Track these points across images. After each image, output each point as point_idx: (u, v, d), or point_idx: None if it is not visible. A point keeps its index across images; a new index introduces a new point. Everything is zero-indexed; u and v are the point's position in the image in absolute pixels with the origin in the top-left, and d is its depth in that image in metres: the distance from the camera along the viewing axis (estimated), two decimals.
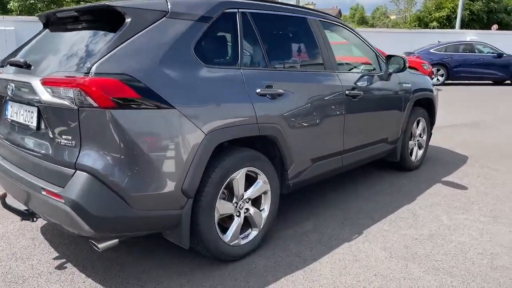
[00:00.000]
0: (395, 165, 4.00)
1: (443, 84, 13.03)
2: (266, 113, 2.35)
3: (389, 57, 3.47)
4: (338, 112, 2.92)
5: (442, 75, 13.08)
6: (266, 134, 2.38)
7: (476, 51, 13.42)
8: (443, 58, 13.09)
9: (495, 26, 20.67)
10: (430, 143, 5.08)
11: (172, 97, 1.92)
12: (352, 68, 3.68)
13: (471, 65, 13.04)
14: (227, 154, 2.20)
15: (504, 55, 13.04)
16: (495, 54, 13.10)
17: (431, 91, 4.18)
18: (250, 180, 2.39)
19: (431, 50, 13.35)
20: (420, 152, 4.19)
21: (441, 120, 6.71)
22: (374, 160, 3.65)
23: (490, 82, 13.55)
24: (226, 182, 2.19)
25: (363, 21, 22.34)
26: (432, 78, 12.51)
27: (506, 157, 4.57)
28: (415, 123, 4.01)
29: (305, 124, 2.65)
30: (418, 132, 4.10)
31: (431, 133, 4.38)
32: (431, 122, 4.32)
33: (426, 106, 4.19)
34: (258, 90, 2.32)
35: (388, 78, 3.52)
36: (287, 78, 2.60)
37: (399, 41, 16.15)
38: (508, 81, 13.13)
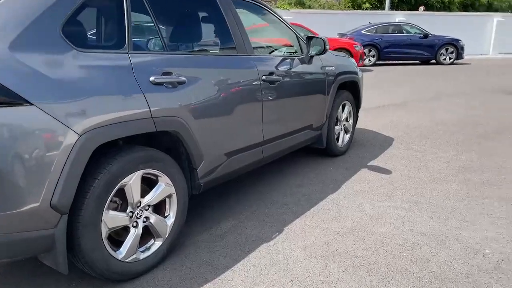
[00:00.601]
0: (322, 151, 3.87)
1: (374, 64, 13.39)
2: (164, 105, 2.02)
3: (309, 39, 3.26)
4: (254, 100, 2.66)
5: (373, 56, 13.42)
6: (166, 130, 2.05)
7: (404, 31, 13.91)
8: (374, 39, 13.40)
9: (422, 8, 21.65)
10: (358, 126, 5.05)
11: (29, 91, 1.52)
12: (273, 52, 3.43)
13: (399, 46, 13.50)
14: (114, 156, 1.84)
15: (430, 35, 13.64)
16: (422, 35, 13.66)
17: (356, 73, 4.08)
18: (150, 184, 2.07)
19: (363, 32, 13.62)
20: (347, 136, 4.10)
21: (370, 101, 6.78)
22: (300, 148, 3.47)
23: (418, 62, 14.16)
24: (115, 190, 1.84)
25: (299, 3, 22.31)
26: (364, 59, 12.78)
27: (429, 137, 4.64)
28: (340, 107, 3.88)
29: (216, 115, 2.36)
30: (344, 116, 3.99)
31: (357, 117, 4.31)
32: (357, 105, 4.24)
33: (351, 89, 4.09)
34: (152, 79, 1.97)
35: (310, 62, 3.32)
36: (191, 63, 2.27)
37: (333, 23, 16.33)
38: (434, 61, 13.79)
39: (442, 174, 3.47)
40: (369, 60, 13.35)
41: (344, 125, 4.03)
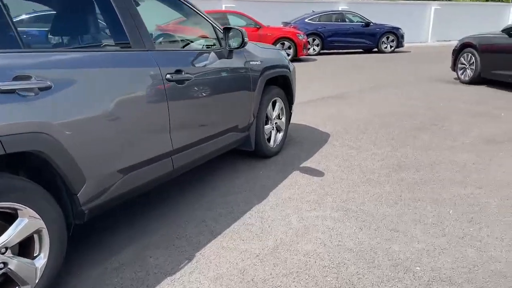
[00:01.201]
0: (252, 153, 3.54)
1: (318, 54, 13.31)
2: (18, 119, 1.56)
3: (227, 30, 2.88)
4: (155, 103, 2.25)
5: (317, 45, 13.33)
6: (23, 150, 1.60)
7: (347, 20, 13.93)
8: (317, 28, 13.29)
9: None
10: (295, 121, 4.79)
11: None
12: (186, 46, 3.02)
13: (343, 35, 13.50)
14: None
15: (371, 24, 13.77)
16: (363, 23, 13.75)
17: (287, 67, 3.77)
18: (8, 220, 1.62)
19: (306, 20, 13.46)
20: (280, 135, 3.80)
21: (310, 93, 6.56)
22: (224, 152, 3.12)
23: (361, 50, 14.28)
24: None
25: None
26: (308, 48, 12.65)
27: (365, 132, 4.47)
28: (270, 104, 3.56)
29: (100, 126, 1.92)
30: (275, 114, 3.67)
31: (290, 113, 4.02)
32: (289, 101, 3.94)
33: (282, 85, 3.78)
34: None
35: (230, 56, 2.95)
36: (60, 63, 1.81)
37: (277, 11, 16.04)
38: (376, 49, 13.97)
39: (376, 174, 3.26)
40: (314, 49, 13.25)
41: (275, 123, 3.72)
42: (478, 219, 2.52)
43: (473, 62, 7.12)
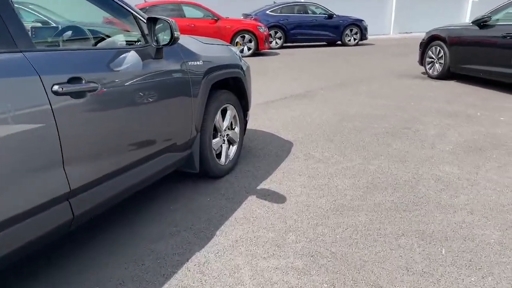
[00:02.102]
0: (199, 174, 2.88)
1: (281, 47, 12.73)
2: None
3: (152, 21, 2.17)
4: (35, 128, 1.53)
5: (280, 38, 12.74)
6: None
7: (310, 12, 13.41)
8: (279, 20, 12.69)
9: None
10: (252, 127, 4.16)
11: None
12: (97, 43, 2.30)
13: (306, 27, 12.98)
14: None
15: (334, 16, 13.32)
16: (326, 15, 13.29)
17: (238, 66, 3.11)
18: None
19: (268, 12, 12.81)
20: (233, 149, 3.15)
21: (272, 92, 5.95)
22: (159, 178, 2.44)
23: (324, 43, 13.83)
24: None
25: None
26: (270, 42, 12.04)
27: (333, 139, 3.91)
28: (219, 113, 2.89)
29: None
30: (225, 124, 3.01)
31: (246, 122, 3.37)
32: (243, 107, 3.29)
33: (234, 88, 3.13)
34: None
35: (159, 54, 2.25)
36: None
37: (240, 3, 15.28)
38: (339, 42, 13.56)
39: (348, 197, 2.69)
40: (276, 42, 12.65)
41: (227, 135, 3.06)
42: (478, 261, 1.99)
43: (442, 55, 6.75)
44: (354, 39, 13.55)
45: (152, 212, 2.51)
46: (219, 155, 2.98)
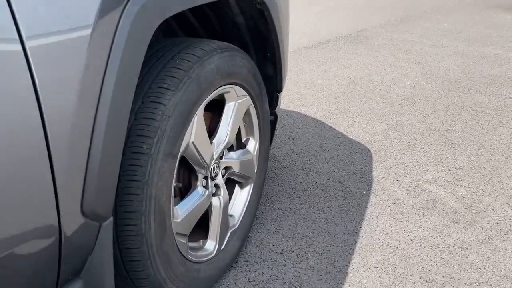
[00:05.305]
0: None
1: None
2: None
3: None
4: None
5: None
6: None
7: None
8: None
9: None
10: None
11: None
12: None
13: None
14: None
15: None
16: None
17: None
18: None
19: None
20: (241, 198, 1.27)
21: (301, 32, 3.83)
22: None
23: None
24: None
25: None
26: None
27: (452, 143, 1.96)
28: (198, 116, 0.98)
29: None
30: (220, 139, 1.11)
31: (275, 120, 1.45)
32: (270, 85, 1.37)
33: (244, 33, 1.21)
34: None
35: None
36: None
37: None
38: None
39: None
40: None
41: (226, 169, 1.18)
42: None
43: None
44: None
45: None
46: (195, 232, 1.13)
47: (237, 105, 1.15)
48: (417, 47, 3.39)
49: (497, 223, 1.41)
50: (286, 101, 2.42)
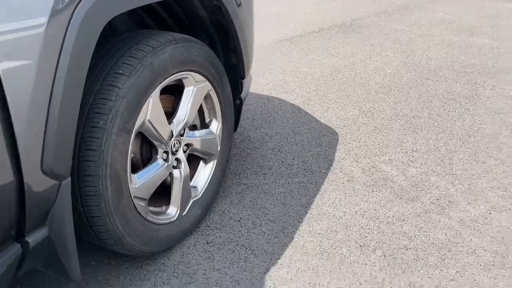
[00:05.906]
0: None
1: None
2: None
3: None
4: None
5: None
6: None
7: None
8: None
9: None
10: (259, 90, 2.40)
11: None
12: None
13: None
14: None
15: None
16: None
17: None
18: None
19: None
20: (205, 172, 1.45)
21: (298, 21, 3.96)
22: None
23: None
24: None
25: None
26: None
27: (422, 127, 2.10)
28: (153, 97, 1.15)
29: None
30: (180, 118, 1.28)
31: (240, 104, 1.61)
32: (233, 71, 1.53)
33: (206, 25, 1.36)
34: None
35: None
36: None
37: None
38: None
39: None
40: None
41: (187, 146, 1.36)
42: None
43: None
44: None
45: None
46: (160, 199, 1.32)
47: (195, 89, 1.32)
48: (406, 36, 3.48)
49: (437, 199, 1.56)
50: (270, 87, 2.57)
